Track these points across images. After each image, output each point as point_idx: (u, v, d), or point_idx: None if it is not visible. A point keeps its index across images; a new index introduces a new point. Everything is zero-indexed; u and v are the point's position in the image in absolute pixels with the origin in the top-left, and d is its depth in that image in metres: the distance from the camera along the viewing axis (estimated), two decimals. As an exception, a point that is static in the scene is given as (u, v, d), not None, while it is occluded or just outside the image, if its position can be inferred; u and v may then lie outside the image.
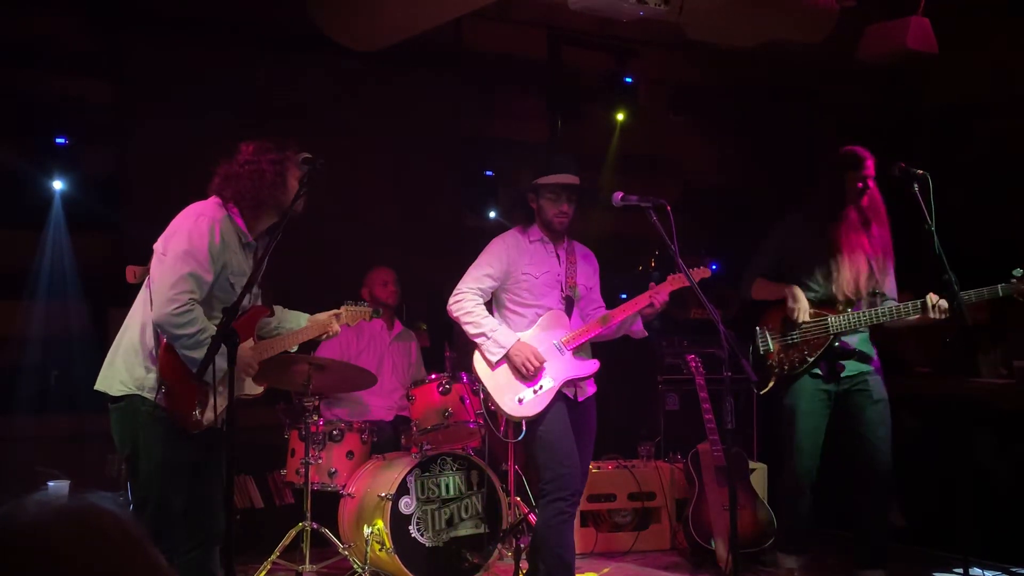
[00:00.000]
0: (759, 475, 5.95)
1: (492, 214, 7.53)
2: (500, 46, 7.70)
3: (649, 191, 4.41)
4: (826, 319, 4.93)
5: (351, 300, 4.29)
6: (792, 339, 5.00)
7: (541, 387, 4.51)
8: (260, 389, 3.86)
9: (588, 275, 4.79)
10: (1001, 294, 4.59)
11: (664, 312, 4.65)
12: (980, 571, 5.05)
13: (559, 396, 4.55)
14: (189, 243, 3.56)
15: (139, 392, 3.58)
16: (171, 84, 6.26)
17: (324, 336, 4.13)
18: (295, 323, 4.03)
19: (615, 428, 7.41)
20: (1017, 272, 4.60)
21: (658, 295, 4.52)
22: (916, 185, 4.44)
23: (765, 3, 6.38)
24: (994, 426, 5.80)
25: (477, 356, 4.61)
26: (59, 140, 6.05)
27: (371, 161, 7.02)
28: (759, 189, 7.87)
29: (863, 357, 5.01)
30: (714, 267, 6.36)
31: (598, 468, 6.29)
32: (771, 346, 5.05)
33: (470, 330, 4.56)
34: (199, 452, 3.68)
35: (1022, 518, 5.46)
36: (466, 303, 4.56)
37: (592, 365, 4.65)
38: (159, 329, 3.56)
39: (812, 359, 4.95)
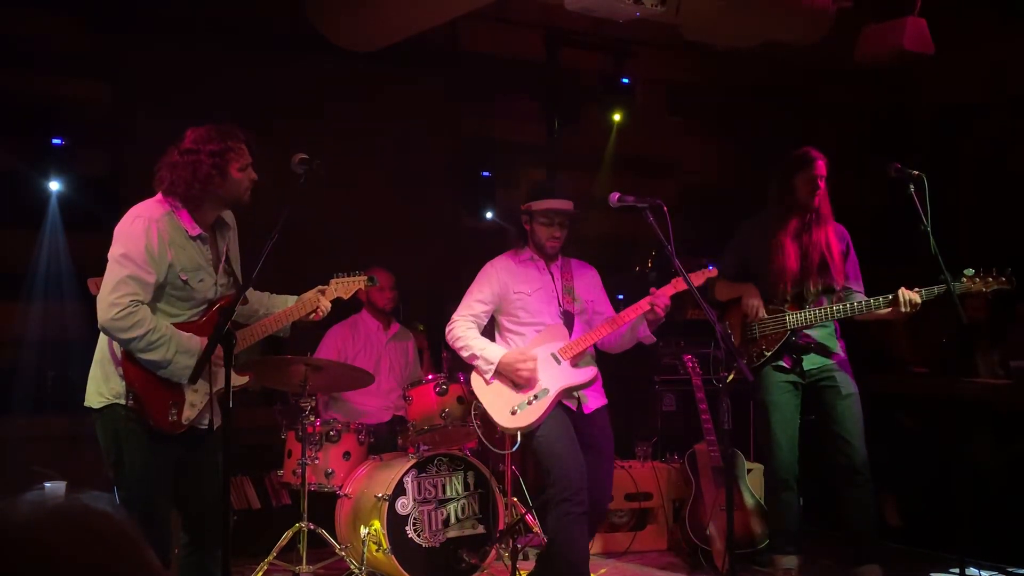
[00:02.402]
0: (756, 475, 5.95)
1: (489, 215, 7.53)
2: (497, 47, 7.70)
3: (646, 191, 4.42)
4: (784, 315, 5.07)
5: (341, 272, 4.12)
6: (751, 334, 5.15)
7: (536, 397, 4.52)
8: (245, 379, 3.78)
9: (588, 287, 4.82)
10: (956, 292, 4.59)
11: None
12: (977, 571, 5.05)
13: (558, 406, 4.55)
14: (125, 246, 3.52)
15: (116, 400, 3.58)
16: (168, 85, 6.25)
17: (313, 316, 3.93)
18: (282, 307, 3.95)
19: (612, 428, 7.41)
20: (968, 272, 4.68)
21: (658, 300, 4.51)
22: (912, 186, 4.47)
23: (761, 4, 6.39)
24: (991, 426, 5.81)
25: (473, 375, 4.70)
26: (56, 141, 6.04)
27: (368, 162, 7.02)
28: (756, 190, 7.88)
29: (824, 350, 5.13)
30: (711, 268, 6.35)
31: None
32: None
33: (463, 354, 4.69)
34: (187, 453, 3.67)
35: (1019, 518, 5.46)
36: (456, 330, 4.69)
37: (589, 372, 4.65)
38: (106, 335, 3.53)
39: (769, 353, 5.11)
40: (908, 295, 4.77)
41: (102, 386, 3.61)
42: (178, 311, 3.63)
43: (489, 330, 4.86)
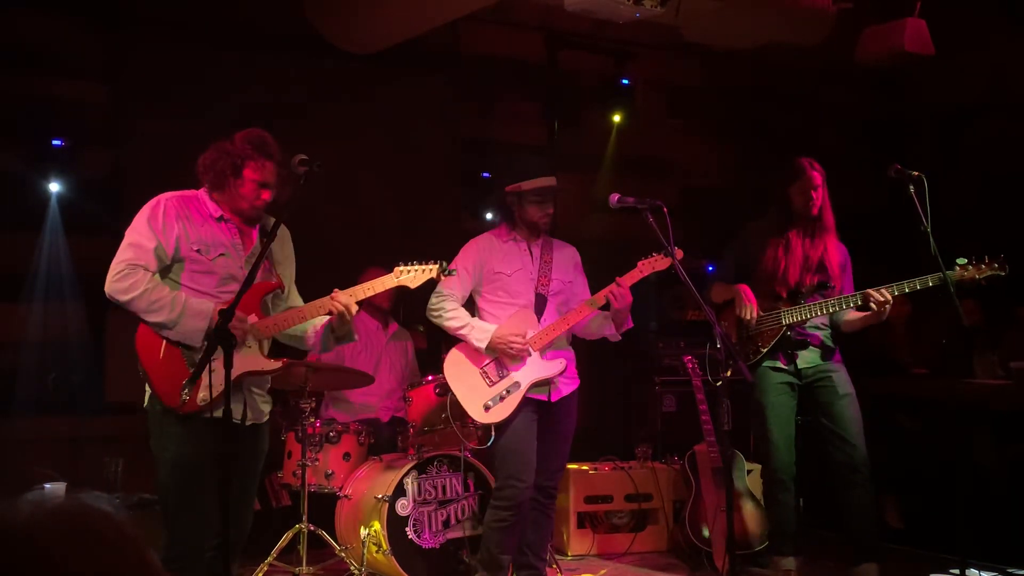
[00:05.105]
0: (756, 476, 5.95)
1: (489, 216, 7.53)
2: (497, 49, 7.71)
3: (646, 193, 4.42)
4: (779, 312, 5.10)
5: (413, 260, 4.02)
6: (747, 332, 5.17)
7: (508, 391, 4.53)
8: (277, 364, 3.81)
9: (566, 269, 4.80)
10: (952, 281, 4.59)
11: (661, 313, 4.65)
12: (977, 572, 5.05)
13: (527, 402, 4.57)
14: (133, 223, 3.69)
15: (151, 396, 3.69)
16: (168, 86, 6.26)
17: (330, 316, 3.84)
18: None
19: (612, 430, 7.41)
20: (960, 260, 4.69)
21: (617, 289, 4.46)
22: (912, 187, 4.47)
23: (762, 5, 6.39)
24: (991, 427, 5.81)
25: (448, 361, 4.67)
26: (56, 142, 6.05)
27: (369, 163, 7.02)
28: (756, 191, 7.89)
29: (821, 349, 5.16)
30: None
31: (595, 470, 6.29)
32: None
33: (452, 324, 4.64)
34: (223, 447, 3.64)
35: (1019, 519, 5.46)
36: (445, 304, 4.66)
37: (558, 364, 4.65)
38: (111, 301, 3.63)
39: (765, 349, 5.12)
40: (874, 294, 4.80)
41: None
42: (203, 287, 3.69)
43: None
